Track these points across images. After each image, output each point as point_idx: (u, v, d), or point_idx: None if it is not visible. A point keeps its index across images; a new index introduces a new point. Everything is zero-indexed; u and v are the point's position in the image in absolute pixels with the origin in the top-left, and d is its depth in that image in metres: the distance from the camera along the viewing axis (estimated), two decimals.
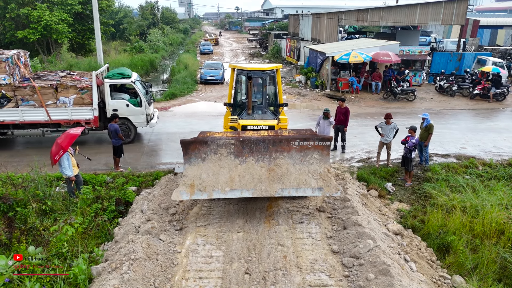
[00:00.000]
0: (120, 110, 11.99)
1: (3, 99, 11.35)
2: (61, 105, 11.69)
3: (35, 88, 11.39)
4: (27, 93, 11.47)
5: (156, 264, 6.18)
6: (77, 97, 11.74)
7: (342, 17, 27.06)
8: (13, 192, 8.32)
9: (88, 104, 11.83)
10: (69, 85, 11.71)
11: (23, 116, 11.53)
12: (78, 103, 11.78)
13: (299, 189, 7.43)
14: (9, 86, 11.33)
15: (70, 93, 11.70)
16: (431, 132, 10.69)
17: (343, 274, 6.10)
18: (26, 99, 11.51)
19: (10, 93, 11.41)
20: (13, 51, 12.51)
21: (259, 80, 9.88)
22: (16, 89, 11.43)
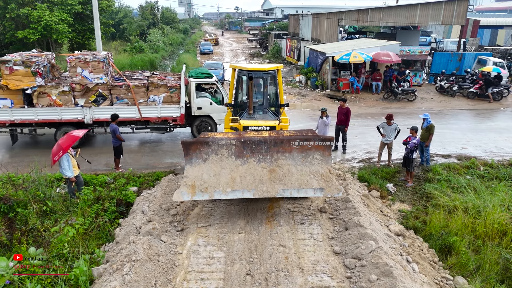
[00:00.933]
0: (203, 108, 12.74)
1: (100, 97, 11.88)
2: (151, 103, 12.24)
3: (130, 87, 11.91)
4: (122, 91, 12.01)
5: (157, 265, 6.15)
6: (166, 96, 12.29)
7: (342, 17, 27.04)
8: (13, 192, 8.29)
9: (176, 103, 12.34)
10: (159, 84, 12.24)
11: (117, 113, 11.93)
12: (167, 102, 12.34)
13: (301, 190, 7.41)
14: (105, 85, 11.86)
15: (160, 92, 12.25)
16: (432, 132, 10.68)
17: (345, 276, 6.07)
18: (121, 98, 12.07)
19: (106, 92, 11.92)
20: (104, 52, 13.17)
21: (260, 80, 9.85)
22: (112, 88, 11.95)
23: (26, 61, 11.24)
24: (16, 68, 11.10)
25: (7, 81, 11.19)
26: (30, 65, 11.21)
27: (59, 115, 11.70)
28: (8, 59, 11.19)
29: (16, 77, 11.20)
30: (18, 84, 11.24)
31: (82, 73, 11.58)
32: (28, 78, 11.22)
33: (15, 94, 11.46)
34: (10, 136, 12.38)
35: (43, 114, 11.62)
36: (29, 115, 11.54)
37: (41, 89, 11.44)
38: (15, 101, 11.53)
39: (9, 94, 11.40)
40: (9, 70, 11.07)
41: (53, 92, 11.54)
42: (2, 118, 11.51)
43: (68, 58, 11.77)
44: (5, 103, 11.36)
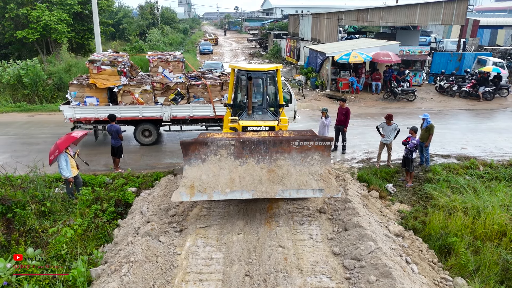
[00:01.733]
0: None
1: (179, 96, 12.25)
2: (224, 101, 12.35)
3: (207, 86, 12.27)
4: (199, 90, 12.41)
5: (156, 266, 6.13)
6: None
7: (342, 17, 27.03)
8: (12, 193, 8.26)
9: None
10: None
11: (193, 112, 12.39)
12: None
13: (300, 191, 7.38)
14: (183, 84, 12.28)
15: None
16: (432, 132, 10.66)
17: (344, 277, 6.05)
18: (198, 96, 12.46)
19: (183, 91, 12.32)
20: (178, 52, 13.59)
21: (259, 80, 9.82)
22: (190, 87, 12.36)
23: (113, 61, 11.82)
24: (104, 67, 11.65)
25: (95, 80, 11.72)
26: (116, 64, 11.79)
27: (140, 112, 12.13)
28: (97, 59, 11.70)
29: (103, 76, 11.75)
30: (105, 83, 11.77)
31: (163, 73, 12.11)
32: (114, 77, 11.78)
33: (101, 93, 12.03)
34: (93, 133, 12.84)
35: (125, 112, 12.08)
36: (113, 112, 11.79)
37: (126, 87, 11.95)
38: (100, 99, 12.07)
39: (95, 93, 11.97)
40: (97, 69, 11.59)
41: (136, 91, 12.02)
42: (89, 116, 12.03)
43: (151, 58, 12.27)
44: (92, 101, 11.92)
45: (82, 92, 11.97)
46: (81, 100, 11.99)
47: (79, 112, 11.94)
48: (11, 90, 19.07)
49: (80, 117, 12.00)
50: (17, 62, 19.39)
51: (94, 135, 12.96)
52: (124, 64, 11.98)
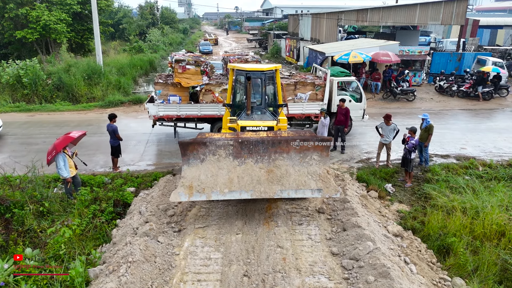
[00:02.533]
0: None
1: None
2: (298, 100, 12.79)
3: (282, 86, 12.21)
4: None
5: (154, 266, 6.12)
6: (312, 93, 12.85)
7: (341, 17, 27.02)
8: (10, 193, 8.25)
9: (320, 100, 12.86)
10: (307, 83, 12.79)
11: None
12: (312, 99, 12.90)
13: (298, 191, 7.38)
14: None
15: (307, 89, 12.83)
16: (431, 132, 10.65)
17: (343, 277, 6.05)
18: None
19: None
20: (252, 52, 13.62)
21: (258, 80, 9.81)
22: None
23: (197, 61, 12.24)
24: (188, 67, 12.06)
25: (179, 79, 12.10)
26: (200, 64, 12.19)
27: (219, 111, 12.35)
28: (183, 59, 12.12)
29: (187, 76, 12.13)
30: (188, 82, 12.17)
31: None
32: (197, 76, 12.19)
33: (183, 91, 12.48)
34: (174, 129, 13.27)
35: (205, 110, 12.40)
36: (194, 110, 12.35)
37: (207, 87, 12.37)
38: (182, 97, 12.50)
39: (178, 91, 12.41)
40: (182, 69, 11.98)
41: (217, 90, 12.41)
42: (171, 113, 12.36)
43: (231, 58, 12.64)
44: (175, 99, 12.34)
45: (166, 90, 12.46)
46: (165, 98, 12.45)
47: (162, 110, 12.28)
48: (10, 90, 19.06)
49: (163, 115, 12.34)
50: (17, 62, 19.38)
51: (174, 131, 13.46)
52: (206, 64, 12.55)
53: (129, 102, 19.07)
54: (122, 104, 18.73)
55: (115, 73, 22.68)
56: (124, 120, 15.80)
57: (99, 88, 20.13)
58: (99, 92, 19.94)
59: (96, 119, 16.11)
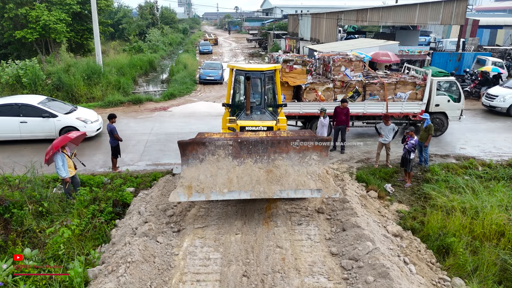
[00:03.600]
0: (441, 105, 13.27)
1: (356, 94, 12.79)
2: (397, 99, 13.02)
3: (384, 85, 12.76)
4: (375, 88, 12.90)
5: (153, 266, 6.11)
6: (412, 93, 13.04)
7: (341, 17, 27.03)
8: (9, 193, 8.24)
9: (419, 99, 13.05)
10: (408, 82, 12.97)
11: (366, 109, 12.93)
12: (411, 98, 13.10)
13: (298, 191, 7.37)
14: (360, 82, 12.82)
15: (407, 89, 13.02)
16: (431, 132, 10.64)
17: (342, 277, 6.04)
18: (374, 94, 12.95)
19: (360, 89, 12.87)
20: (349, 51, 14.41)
21: (257, 80, 9.81)
22: (368, 85, 12.86)
23: (305, 61, 12.62)
24: (295, 67, 12.45)
25: (286, 78, 12.54)
26: (306, 64, 12.59)
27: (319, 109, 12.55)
28: (291, 59, 12.54)
29: (293, 75, 12.57)
30: (295, 81, 12.62)
31: (344, 72, 12.69)
32: (302, 76, 12.60)
33: (287, 90, 12.91)
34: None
35: (307, 108, 12.77)
36: (296, 108, 12.73)
37: (311, 85, 12.70)
38: (287, 96, 12.92)
39: (283, 90, 12.45)
40: (289, 68, 12.44)
41: (320, 89, 12.74)
42: None
43: (335, 58, 12.84)
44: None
45: None
46: None
47: None
48: (10, 90, 19.01)
49: None
50: (16, 62, 19.34)
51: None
52: (312, 64, 12.98)
53: (129, 102, 19.06)
54: (122, 104, 18.72)
55: (114, 73, 22.68)
56: (123, 120, 15.80)
57: (99, 88, 20.13)
58: (98, 92, 19.93)
59: None
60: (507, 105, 16.59)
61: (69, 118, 12.73)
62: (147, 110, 17.97)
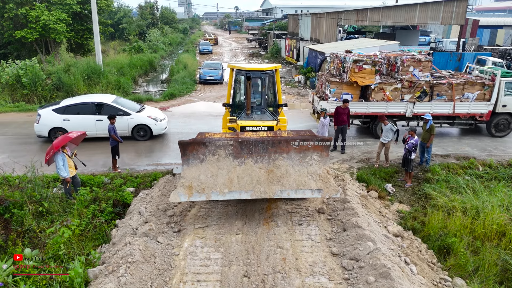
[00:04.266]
0: (508, 106, 13.28)
1: (423, 94, 12.90)
2: (464, 100, 13.08)
3: (452, 85, 12.84)
4: (443, 88, 12.98)
5: (154, 267, 6.10)
6: (480, 93, 13.10)
7: (341, 17, 27.01)
8: (9, 193, 8.22)
9: (486, 100, 13.12)
10: (476, 82, 13.06)
11: (433, 109, 12.93)
12: (479, 99, 13.14)
13: (298, 191, 7.36)
14: (428, 82, 12.88)
15: (475, 89, 13.10)
16: (433, 133, 10.62)
17: (343, 277, 6.03)
18: (441, 94, 13.02)
19: (428, 89, 12.95)
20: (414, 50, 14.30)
21: (258, 80, 9.80)
22: (436, 85, 12.94)
23: (375, 61, 12.72)
24: (365, 67, 12.54)
25: (355, 78, 12.61)
26: (376, 64, 12.68)
27: (386, 108, 12.84)
28: (361, 59, 12.63)
29: (362, 75, 12.64)
30: (363, 81, 12.66)
31: (413, 72, 12.78)
32: (371, 75, 12.65)
33: (355, 90, 12.98)
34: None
35: (373, 108, 12.89)
36: (362, 108, 12.88)
37: (380, 85, 12.77)
38: (354, 95, 13.00)
39: (350, 89, 12.93)
40: (358, 68, 12.51)
41: (388, 89, 12.79)
42: None
43: (404, 58, 12.94)
44: (347, 97, 12.69)
45: (340, 89, 12.96)
46: (338, 96, 12.90)
47: (334, 107, 12.59)
48: (10, 90, 19.02)
49: (333, 111, 12.62)
50: (16, 62, 19.34)
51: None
52: (382, 64, 13.11)
53: None
54: None
55: (114, 73, 22.66)
56: None
57: (99, 88, 20.10)
58: (98, 92, 19.90)
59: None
60: None
61: (142, 116, 13.00)
62: None
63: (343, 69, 13.22)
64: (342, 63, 13.38)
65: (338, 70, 13.65)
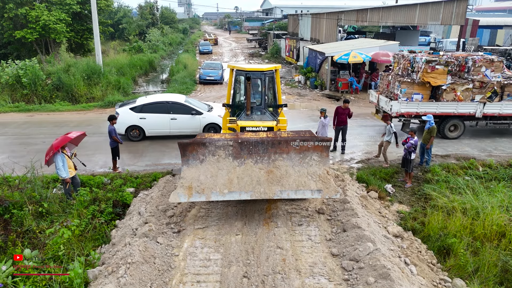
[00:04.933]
0: None
1: (494, 94, 12.92)
2: None
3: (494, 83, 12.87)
4: None
5: (153, 267, 6.10)
6: None
7: (341, 17, 27.00)
8: (9, 194, 8.23)
9: None
10: None
11: (503, 109, 13.09)
12: None
13: (298, 191, 7.35)
14: (499, 83, 12.91)
15: None
16: (433, 134, 10.61)
17: (343, 278, 6.02)
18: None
19: (499, 89, 12.94)
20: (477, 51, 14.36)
21: (257, 80, 9.79)
22: (507, 85, 12.96)
23: (448, 61, 12.70)
24: (438, 67, 12.55)
25: (428, 78, 12.62)
26: (449, 64, 12.70)
27: (456, 109, 12.93)
28: (434, 59, 12.66)
29: (434, 75, 12.66)
30: (435, 81, 12.68)
31: (484, 72, 12.84)
32: (443, 76, 12.67)
33: (426, 90, 13.00)
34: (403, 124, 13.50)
35: (443, 108, 12.93)
36: (432, 108, 12.85)
37: (452, 86, 12.79)
38: (424, 95, 13.05)
39: (421, 90, 12.96)
40: (430, 68, 12.55)
41: (459, 89, 12.83)
42: (411, 110, 13.01)
43: (476, 58, 12.93)
44: (417, 97, 12.96)
45: (411, 89, 13.01)
46: (408, 96, 12.99)
47: (404, 107, 12.88)
48: (9, 90, 19.03)
49: (403, 111, 12.99)
50: (16, 62, 19.35)
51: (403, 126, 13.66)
52: (454, 64, 13.04)
53: None
54: None
55: (114, 73, 22.67)
56: None
57: (99, 88, 20.11)
58: (98, 92, 19.92)
59: (96, 119, 16.07)
60: None
61: (213, 115, 13.10)
62: None
63: (412, 69, 13.27)
64: (410, 63, 13.43)
65: (406, 70, 13.69)
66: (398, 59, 14.62)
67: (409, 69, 13.46)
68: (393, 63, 15.17)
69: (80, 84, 19.65)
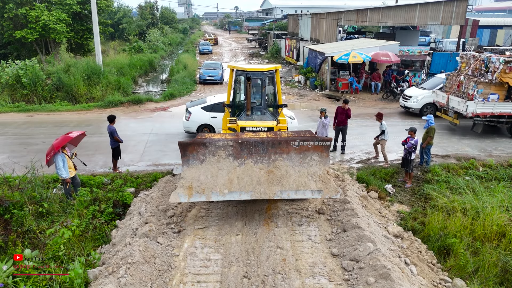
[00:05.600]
0: None
1: None
2: None
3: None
4: None
5: (154, 267, 6.10)
6: None
7: (341, 17, 27.00)
8: (9, 194, 8.23)
9: None
10: None
11: None
12: None
13: (298, 191, 7.36)
14: None
15: None
16: (431, 135, 10.61)
17: (343, 278, 6.03)
18: None
19: None
20: None
21: (258, 80, 9.79)
22: None
23: None
24: None
25: (505, 79, 12.63)
26: None
27: None
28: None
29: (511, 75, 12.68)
30: None
31: None
32: None
33: (502, 90, 13.06)
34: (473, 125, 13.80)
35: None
36: (507, 108, 13.07)
37: None
38: (500, 96, 13.09)
39: (498, 90, 13.00)
40: (509, 69, 12.56)
41: None
42: (486, 110, 13.15)
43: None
44: (494, 98, 13.04)
45: (488, 89, 13.04)
46: (485, 97, 13.02)
47: (480, 107, 12.97)
48: (9, 90, 19.02)
49: (479, 112, 13.09)
50: (16, 62, 19.34)
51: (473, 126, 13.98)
52: None
53: (129, 102, 19.05)
54: (122, 104, 18.71)
55: (114, 73, 22.66)
56: (123, 121, 15.78)
57: (99, 88, 20.11)
58: (98, 92, 19.92)
59: (96, 119, 16.08)
60: (419, 106, 16.58)
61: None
62: (147, 110, 17.96)
63: (487, 70, 13.23)
64: (484, 63, 13.38)
65: (478, 70, 13.63)
66: (467, 59, 14.44)
67: (483, 69, 13.42)
68: (460, 63, 14.88)
69: (80, 84, 19.64)
